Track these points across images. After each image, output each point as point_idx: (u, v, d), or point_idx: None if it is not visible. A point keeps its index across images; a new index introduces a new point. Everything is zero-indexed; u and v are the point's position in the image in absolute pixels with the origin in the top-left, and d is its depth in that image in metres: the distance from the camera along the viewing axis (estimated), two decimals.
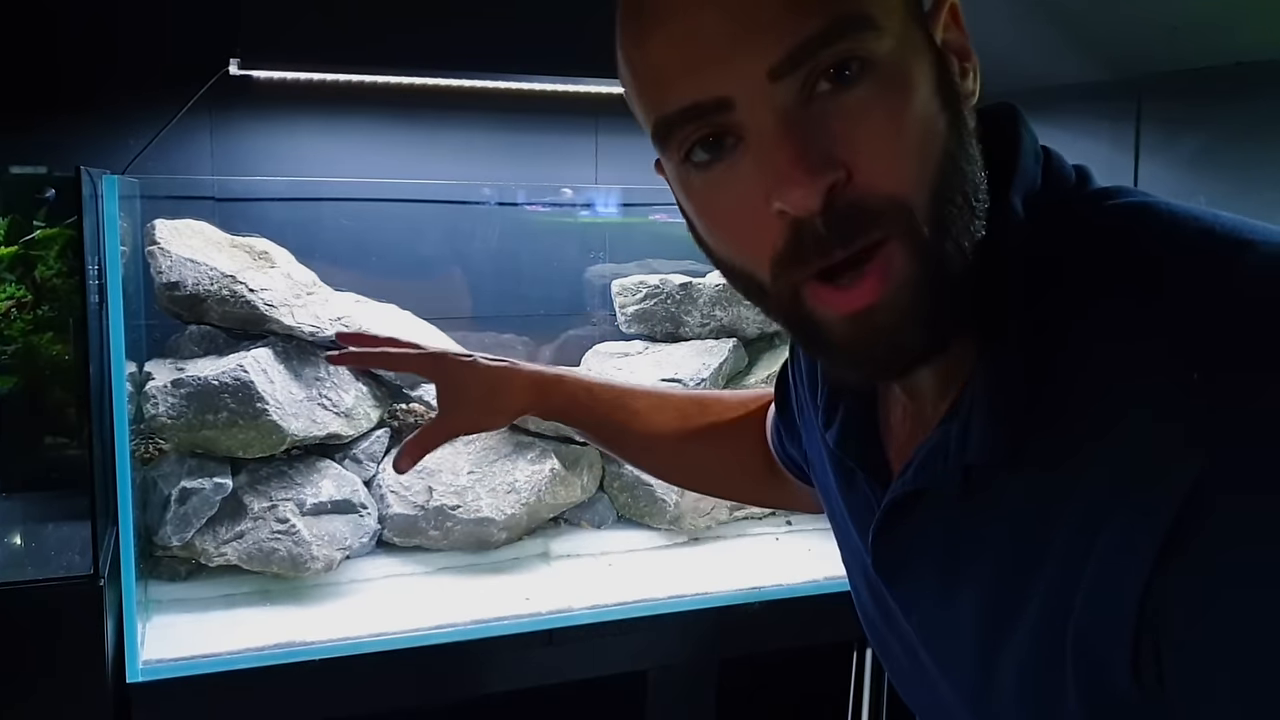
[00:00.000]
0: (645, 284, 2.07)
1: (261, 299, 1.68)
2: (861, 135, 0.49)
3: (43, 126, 1.77)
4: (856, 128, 0.49)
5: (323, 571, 1.66)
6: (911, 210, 0.50)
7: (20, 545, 1.51)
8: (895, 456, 0.64)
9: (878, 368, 0.54)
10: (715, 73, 0.50)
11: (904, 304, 0.51)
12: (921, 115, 0.50)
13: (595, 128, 2.15)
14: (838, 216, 0.49)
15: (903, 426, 0.63)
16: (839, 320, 0.52)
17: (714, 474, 1.01)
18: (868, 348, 0.53)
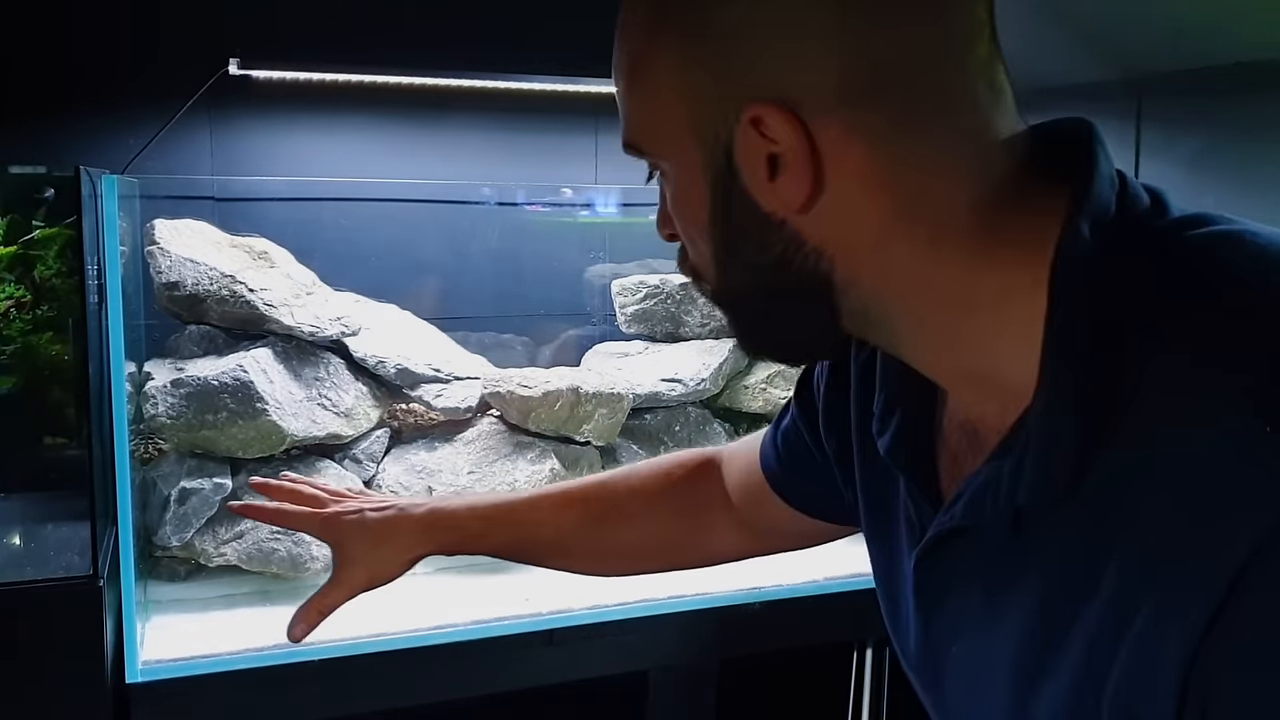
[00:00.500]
0: (645, 284, 2.07)
1: (261, 299, 1.67)
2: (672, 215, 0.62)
3: (42, 126, 1.77)
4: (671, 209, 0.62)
5: (322, 572, 1.65)
6: (705, 280, 0.62)
7: (19, 545, 1.51)
8: (946, 472, 0.63)
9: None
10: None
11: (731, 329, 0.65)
12: (692, 229, 0.60)
13: (595, 127, 2.15)
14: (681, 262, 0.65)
15: (958, 442, 0.62)
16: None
17: (645, 548, 0.98)
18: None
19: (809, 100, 0.53)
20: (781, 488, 0.87)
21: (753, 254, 0.58)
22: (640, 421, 1.97)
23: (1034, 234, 0.53)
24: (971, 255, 0.54)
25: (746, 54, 0.53)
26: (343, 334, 1.77)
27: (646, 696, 1.75)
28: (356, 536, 0.92)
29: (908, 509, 0.66)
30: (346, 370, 1.80)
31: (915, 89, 0.53)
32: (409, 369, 1.82)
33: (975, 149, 0.54)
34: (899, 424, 0.65)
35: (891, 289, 0.56)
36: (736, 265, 0.60)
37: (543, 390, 1.83)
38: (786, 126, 0.53)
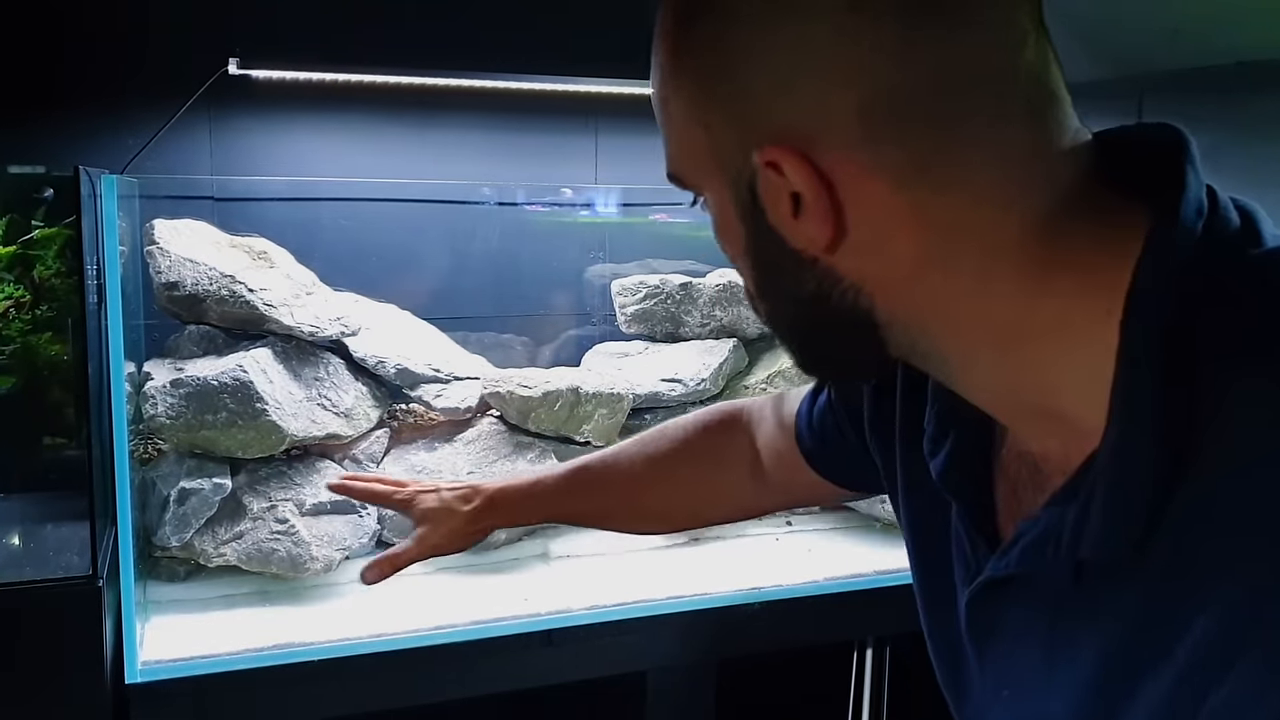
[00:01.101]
0: (645, 284, 2.07)
1: (261, 299, 1.67)
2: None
3: (41, 125, 1.77)
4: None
5: (322, 572, 1.66)
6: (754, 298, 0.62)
7: (19, 546, 1.51)
8: (1004, 504, 0.60)
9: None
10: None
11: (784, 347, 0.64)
12: (731, 243, 0.59)
13: (595, 127, 2.15)
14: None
15: (1018, 472, 0.59)
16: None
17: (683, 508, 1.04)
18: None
19: (824, 140, 0.50)
20: (817, 462, 0.89)
21: (790, 287, 0.57)
22: (640, 421, 1.97)
23: (1105, 258, 0.49)
24: (1027, 282, 0.51)
25: (759, 95, 0.51)
26: (342, 334, 1.77)
27: (645, 697, 1.75)
28: (433, 511, 1.05)
29: (960, 538, 0.63)
30: (346, 370, 1.80)
31: (946, 116, 0.49)
32: (409, 369, 1.82)
33: (1027, 168, 0.50)
34: (953, 447, 0.62)
35: (936, 323, 0.54)
36: (776, 297, 0.60)
37: (543, 390, 1.83)
38: (800, 169, 0.51)
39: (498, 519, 1.05)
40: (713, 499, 1.02)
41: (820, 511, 2.04)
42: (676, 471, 1.01)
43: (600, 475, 1.04)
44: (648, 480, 1.02)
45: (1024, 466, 0.58)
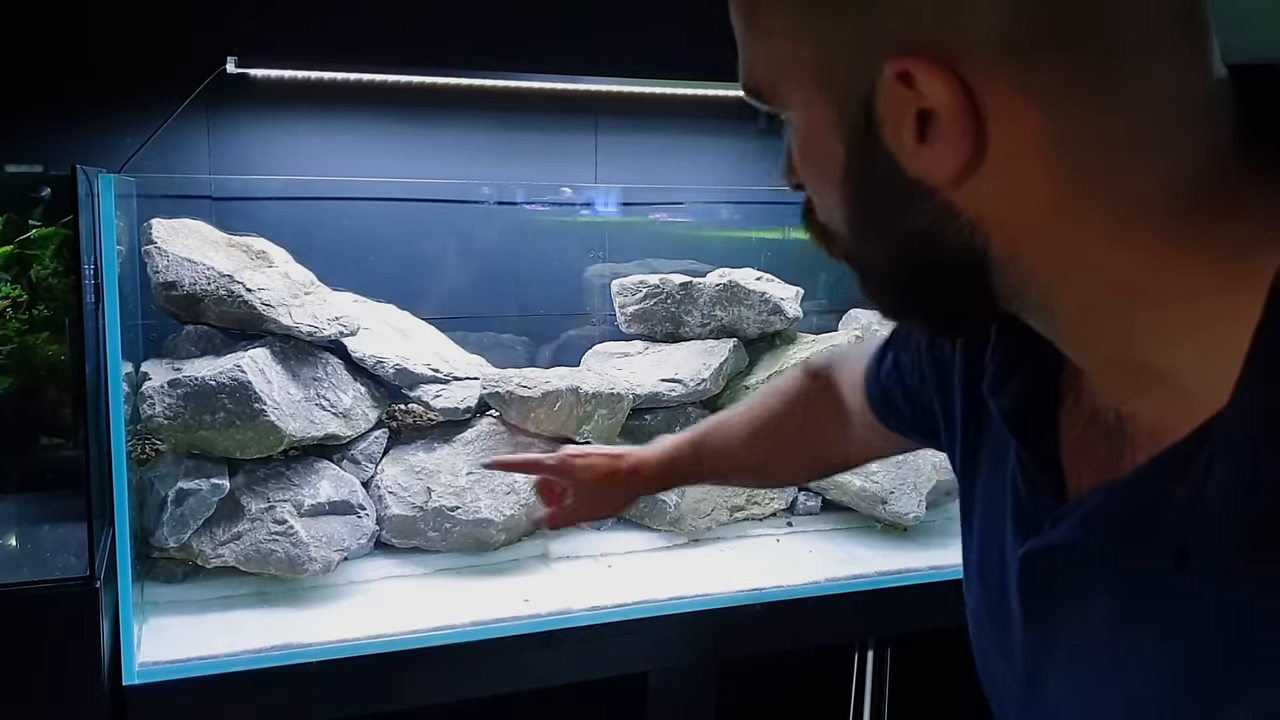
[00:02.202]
0: (645, 284, 2.06)
1: (259, 299, 1.67)
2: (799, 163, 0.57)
3: (38, 124, 1.76)
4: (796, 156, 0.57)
5: (321, 573, 1.65)
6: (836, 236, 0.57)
7: (16, 547, 1.50)
8: (1070, 452, 0.57)
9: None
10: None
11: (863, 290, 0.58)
12: (823, 188, 0.55)
13: (595, 126, 2.15)
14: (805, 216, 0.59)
15: (1092, 425, 0.56)
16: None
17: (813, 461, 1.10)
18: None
19: (971, 53, 0.46)
20: (887, 418, 0.89)
21: (894, 223, 0.52)
22: (640, 422, 1.96)
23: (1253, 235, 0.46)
24: (1165, 241, 0.47)
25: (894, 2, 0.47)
26: (341, 334, 1.76)
27: (646, 698, 1.74)
28: (583, 477, 1.12)
29: (1016, 481, 0.60)
30: (345, 370, 1.79)
31: (1105, 41, 0.45)
32: (408, 369, 1.81)
33: (1180, 115, 0.46)
34: (1019, 388, 0.59)
35: (1060, 272, 0.50)
36: (874, 233, 0.54)
37: (542, 391, 1.82)
38: (941, 83, 0.46)
39: (641, 488, 1.13)
40: (819, 456, 1.07)
41: (821, 512, 2.04)
42: (782, 435, 1.05)
43: (721, 444, 1.09)
44: (762, 445, 1.06)
45: (1101, 421, 0.55)
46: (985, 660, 0.67)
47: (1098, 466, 0.54)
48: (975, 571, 0.67)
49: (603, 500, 1.14)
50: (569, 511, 1.14)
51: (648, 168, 2.20)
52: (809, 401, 1.03)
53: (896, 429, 0.88)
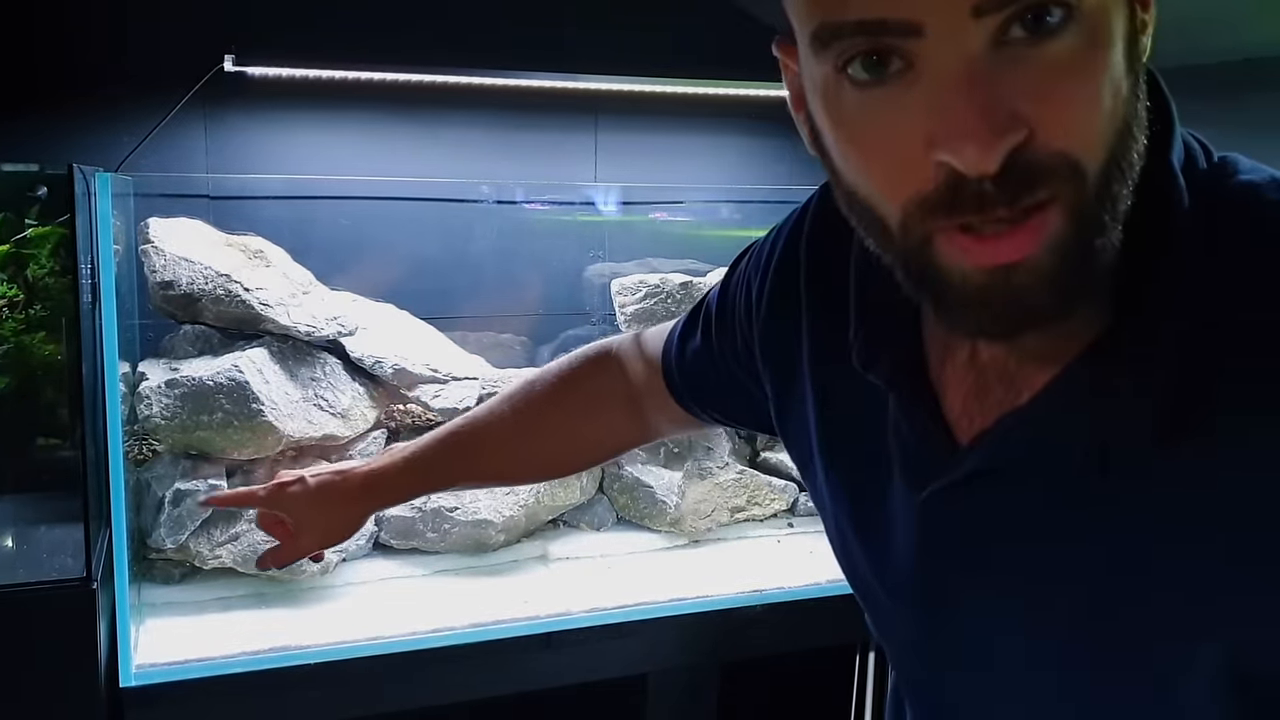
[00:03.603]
0: (645, 283, 2.05)
1: (257, 298, 1.66)
2: (1054, 90, 0.46)
3: (35, 123, 1.75)
4: (1050, 82, 0.46)
5: (318, 574, 1.64)
6: (1084, 172, 0.47)
7: (12, 548, 1.50)
8: (960, 406, 0.60)
9: (998, 327, 0.51)
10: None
11: (1046, 267, 0.48)
12: (1114, 75, 0.47)
13: (595, 125, 2.14)
14: (1010, 177, 0.46)
15: (975, 377, 0.60)
16: (973, 272, 0.49)
17: (564, 454, 1.02)
18: (996, 305, 0.49)
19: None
20: (684, 398, 0.89)
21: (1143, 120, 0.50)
22: None
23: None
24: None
25: None
26: (339, 334, 1.76)
27: (646, 700, 1.74)
28: (301, 503, 0.98)
29: (904, 437, 0.63)
30: (343, 370, 1.79)
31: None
32: (406, 369, 1.80)
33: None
34: (896, 357, 0.62)
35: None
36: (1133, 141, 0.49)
37: None
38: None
39: (374, 502, 1.00)
40: (595, 440, 1.00)
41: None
42: (554, 419, 0.98)
43: (477, 436, 0.99)
44: (527, 432, 0.98)
45: (987, 369, 0.59)
46: (879, 618, 0.71)
47: (992, 408, 0.58)
48: (855, 537, 0.69)
49: (334, 525, 0.99)
50: (294, 546, 0.99)
51: (647, 167, 2.20)
52: (590, 386, 0.98)
53: (698, 412, 0.89)
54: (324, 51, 1.79)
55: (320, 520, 0.98)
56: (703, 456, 1.98)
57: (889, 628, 0.70)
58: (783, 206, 0.81)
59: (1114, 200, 0.48)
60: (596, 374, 0.98)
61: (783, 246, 0.74)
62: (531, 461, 1.03)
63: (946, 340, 0.62)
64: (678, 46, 2.10)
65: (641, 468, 1.91)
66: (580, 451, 1.03)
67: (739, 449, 2.06)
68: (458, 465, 0.99)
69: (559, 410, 0.98)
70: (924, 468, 0.61)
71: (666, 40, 2.09)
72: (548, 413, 0.98)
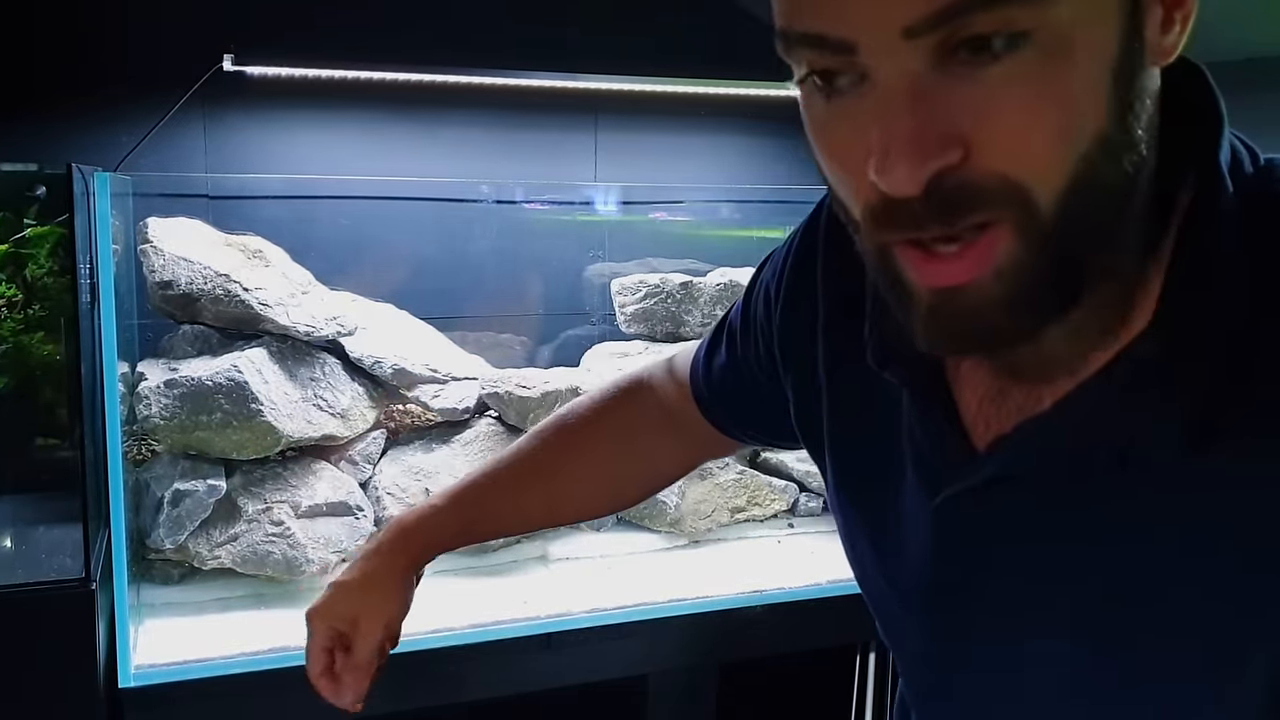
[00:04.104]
0: (645, 283, 2.05)
1: (256, 298, 1.66)
2: (996, 112, 0.44)
3: (33, 122, 1.75)
4: (992, 103, 0.44)
5: (318, 575, 1.64)
6: (1031, 196, 0.45)
7: (10, 548, 1.50)
8: (974, 411, 0.60)
9: (951, 345, 0.51)
10: (844, 12, 0.45)
11: (996, 291, 0.47)
12: (1077, 97, 0.45)
13: (595, 124, 2.14)
14: (940, 199, 0.45)
15: (982, 378, 0.60)
16: (923, 290, 0.49)
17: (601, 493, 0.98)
18: (945, 324, 0.49)
19: None
20: (715, 416, 0.88)
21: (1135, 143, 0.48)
22: None
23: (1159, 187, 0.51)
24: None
25: None
26: (339, 334, 1.75)
27: (646, 701, 1.73)
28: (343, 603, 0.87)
29: (917, 442, 0.62)
30: (342, 370, 1.78)
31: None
32: (406, 369, 1.80)
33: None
34: (912, 354, 0.59)
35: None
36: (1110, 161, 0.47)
37: (541, 391, 1.81)
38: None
39: (423, 561, 0.91)
40: (635, 471, 0.96)
41: (823, 513, 2.03)
42: (592, 454, 0.94)
43: (506, 482, 0.93)
44: (562, 473, 0.94)
45: (1011, 374, 0.58)
46: (890, 624, 0.70)
47: (1011, 412, 0.57)
48: (866, 539, 0.69)
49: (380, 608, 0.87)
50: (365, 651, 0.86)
51: (648, 166, 2.19)
52: (625, 417, 0.94)
53: (733, 430, 0.88)
54: (323, 51, 1.79)
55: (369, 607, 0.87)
56: None
57: (899, 631, 0.69)
58: (782, 206, 0.81)
59: (1084, 222, 0.46)
60: (628, 403, 0.94)
61: (799, 243, 0.74)
62: (573, 498, 0.97)
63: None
64: (678, 46, 2.10)
65: None
66: (622, 484, 0.97)
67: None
68: (488, 515, 0.93)
69: (593, 442, 0.94)
70: (939, 470, 0.61)
71: (667, 40, 2.09)
72: (586, 447, 0.94)
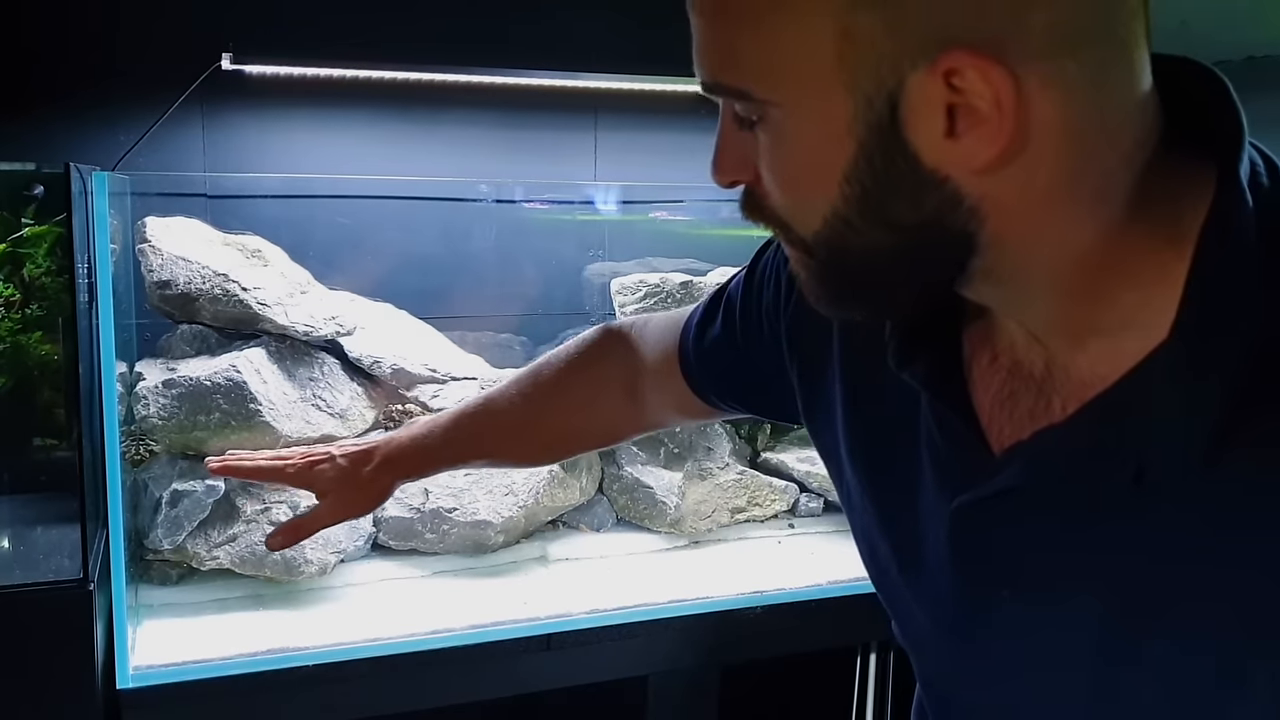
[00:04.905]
0: (645, 283, 2.04)
1: (254, 298, 1.65)
2: (759, 165, 0.57)
3: (31, 122, 1.75)
4: (757, 153, 0.56)
5: (317, 575, 1.64)
6: (792, 228, 0.57)
7: (8, 549, 1.49)
8: (992, 411, 0.61)
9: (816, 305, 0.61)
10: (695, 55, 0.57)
11: (805, 276, 0.59)
12: (801, 179, 0.55)
13: (595, 123, 2.13)
14: (749, 202, 0.59)
15: (1007, 382, 0.60)
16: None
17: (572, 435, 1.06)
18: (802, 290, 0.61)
19: (1011, 48, 0.48)
20: (698, 382, 0.90)
21: (898, 213, 0.53)
22: None
23: (1178, 199, 0.52)
24: (1122, 213, 0.53)
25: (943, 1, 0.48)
26: (337, 333, 1.75)
27: (646, 703, 1.73)
28: (335, 480, 1.01)
29: (934, 442, 0.63)
30: (341, 370, 1.78)
31: (1109, 39, 0.49)
32: (405, 369, 1.80)
33: (1137, 106, 0.52)
34: (933, 357, 0.62)
35: (1041, 250, 0.53)
36: (869, 224, 0.54)
37: None
38: (990, 79, 0.48)
39: (396, 474, 1.03)
40: (594, 427, 1.04)
41: (823, 514, 2.02)
42: (557, 404, 1.02)
43: (486, 417, 1.03)
44: (531, 417, 1.02)
45: (1025, 375, 0.59)
46: (906, 623, 0.71)
47: (1023, 417, 0.59)
48: (882, 537, 0.70)
49: (354, 501, 1.03)
50: (313, 519, 1.03)
51: (648, 165, 2.19)
52: (596, 369, 1.01)
53: (716, 400, 0.90)
54: (322, 50, 1.78)
55: (346, 495, 1.02)
56: (703, 457, 1.97)
57: (916, 628, 0.70)
58: None
59: (847, 262, 0.56)
60: (601, 360, 1.00)
61: None
62: (532, 444, 1.06)
63: (975, 341, 0.63)
64: (678, 46, 2.09)
65: (641, 468, 1.91)
66: (578, 437, 1.07)
67: (739, 449, 2.05)
68: (466, 445, 1.03)
69: (563, 396, 1.02)
70: (957, 472, 0.62)
71: (667, 38, 2.08)
72: (552, 398, 1.02)
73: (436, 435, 1.03)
